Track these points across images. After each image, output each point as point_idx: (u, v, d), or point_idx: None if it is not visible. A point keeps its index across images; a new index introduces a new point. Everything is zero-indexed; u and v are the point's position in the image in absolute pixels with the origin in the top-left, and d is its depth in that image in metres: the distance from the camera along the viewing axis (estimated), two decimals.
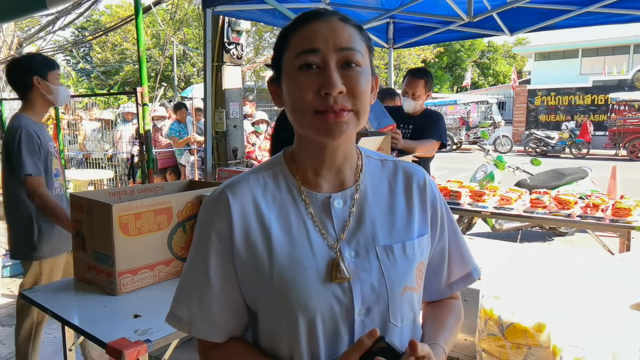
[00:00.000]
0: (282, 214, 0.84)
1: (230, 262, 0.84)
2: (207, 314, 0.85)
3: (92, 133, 7.60)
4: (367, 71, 0.81)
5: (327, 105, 0.76)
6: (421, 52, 21.82)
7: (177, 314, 0.87)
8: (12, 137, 2.34)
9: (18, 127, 2.35)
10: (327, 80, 0.76)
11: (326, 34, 0.78)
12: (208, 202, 0.87)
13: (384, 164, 0.93)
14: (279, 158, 0.90)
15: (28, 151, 2.32)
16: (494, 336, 2.44)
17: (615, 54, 22.92)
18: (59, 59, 24.18)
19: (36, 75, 2.39)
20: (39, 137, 2.39)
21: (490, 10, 4.00)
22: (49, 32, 7.19)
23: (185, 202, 1.98)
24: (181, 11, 17.15)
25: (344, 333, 0.81)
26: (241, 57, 4.45)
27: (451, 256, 0.97)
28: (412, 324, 0.88)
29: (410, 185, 0.91)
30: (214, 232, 0.83)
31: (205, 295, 0.85)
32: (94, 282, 1.88)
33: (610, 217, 3.25)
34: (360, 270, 0.82)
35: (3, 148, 2.41)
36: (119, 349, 1.37)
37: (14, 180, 2.40)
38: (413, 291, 0.86)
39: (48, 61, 2.51)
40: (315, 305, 0.79)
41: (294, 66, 0.79)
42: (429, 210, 0.92)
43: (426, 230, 0.91)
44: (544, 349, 2.23)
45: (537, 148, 16.26)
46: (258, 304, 0.84)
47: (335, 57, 0.78)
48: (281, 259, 0.81)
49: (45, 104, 2.51)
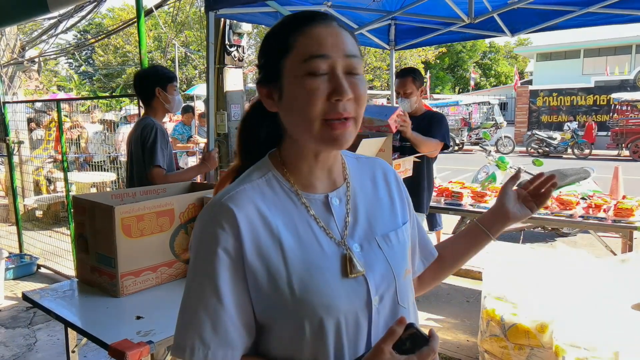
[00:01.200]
0: (287, 219, 0.83)
1: (242, 278, 0.80)
2: (223, 336, 0.80)
3: (94, 136, 7.62)
4: (364, 78, 0.82)
5: (337, 113, 0.77)
6: (423, 53, 21.82)
7: (187, 344, 0.80)
8: (149, 132, 2.65)
9: (153, 125, 2.68)
10: (339, 87, 0.76)
11: (334, 40, 0.78)
12: (207, 218, 0.82)
13: (359, 161, 0.98)
14: (266, 163, 0.88)
15: (160, 145, 2.65)
16: (496, 337, 2.43)
17: (617, 54, 22.88)
18: (61, 62, 24.33)
19: (158, 87, 2.71)
20: (165, 135, 2.73)
21: (491, 11, 4.00)
22: (52, 35, 7.21)
23: (187, 204, 1.99)
24: (183, 14, 17.20)
25: (363, 325, 0.83)
26: (242, 59, 4.46)
27: (420, 237, 1.06)
28: (413, 304, 0.94)
29: (388, 179, 0.98)
30: (221, 249, 0.79)
31: (218, 317, 0.79)
32: (96, 283, 1.89)
33: (612, 218, 3.25)
34: (370, 262, 0.85)
35: (139, 141, 2.69)
36: (122, 350, 1.37)
37: (144, 168, 2.69)
38: (410, 273, 0.94)
39: (168, 74, 2.83)
40: (338, 303, 0.80)
41: (301, 71, 0.77)
42: (405, 200, 1.00)
43: (406, 218, 0.98)
44: (547, 350, 2.23)
45: (539, 149, 16.22)
46: (275, 315, 0.81)
47: (343, 63, 0.78)
48: (296, 264, 0.80)
49: (164, 111, 2.82)
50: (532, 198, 1.08)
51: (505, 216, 1.05)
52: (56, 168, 7.25)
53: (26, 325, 3.60)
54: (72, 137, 7.26)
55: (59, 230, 5.62)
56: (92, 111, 8.73)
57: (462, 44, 31.67)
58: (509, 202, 1.06)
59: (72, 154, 7.03)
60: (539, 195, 1.08)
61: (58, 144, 5.72)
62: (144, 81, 2.79)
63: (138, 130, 2.72)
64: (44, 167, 7.36)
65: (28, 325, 3.60)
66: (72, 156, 7.11)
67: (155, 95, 2.74)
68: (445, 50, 28.52)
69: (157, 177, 2.62)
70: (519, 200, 1.08)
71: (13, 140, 5.37)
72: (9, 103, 5.73)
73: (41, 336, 3.41)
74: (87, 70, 27.28)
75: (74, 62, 27.15)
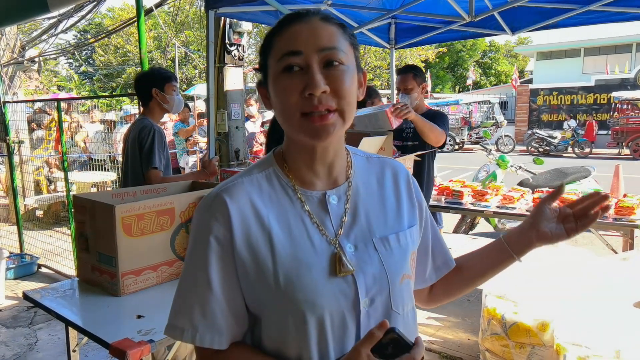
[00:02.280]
0: (281, 214, 0.84)
1: (232, 267, 0.83)
2: (211, 321, 0.83)
3: (94, 135, 7.62)
4: (351, 69, 0.82)
5: (312, 106, 0.78)
6: (423, 52, 21.80)
7: (178, 325, 0.85)
8: (147, 134, 2.67)
9: (151, 127, 2.70)
10: (310, 81, 0.77)
11: (307, 35, 0.79)
12: (203, 208, 0.85)
13: (369, 161, 0.97)
14: (270, 159, 0.91)
15: (158, 147, 2.67)
16: (497, 335, 2.43)
17: (617, 53, 22.84)
18: (61, 61, 24.33)
19: (155, 88, 2.74)
20: (162, 137, 2.74)
21: (492, 9, 4.00)
22: (52, 35, 7.21)
23: (188, 203, 1.99)
24: (182, 13, 17.18)
25: (350, 326, 0.82)
26: (243, 58, 4.46)
27: (434, 244, 1.03)
28: (411, 311, 0.92)
29: (397, 180, 0.96)
30: (213, 237, 0.82)
31: (207, 303, 0.83)
32: (97, 283, 1.89)
33: (613, 216, 3.24)
34: (362, 263, 0.84)
35: (136, 142, 2.71)
36: (123, 349, 1.37)
37: (141, 169, 2.71)
38: (409, 279, 0.91)
39: (165, 74, 2.84)
40: (322, 301, 0.80)
41: (278, 69, 0.80)
42: (415, 203, 0.97)
43: (415, 221, 0.95)
44: (548, 348, 2.22)
45: (540, 147, 16.22)
46: (262, 307, 0.83)
47: (317, 57, 0.79)
48: (284, 258, 0.81)
49: (161, 112, 2.85)
50: (577, 219, 0.94)
51: (534, 237, 0.96)
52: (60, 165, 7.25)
53: (27, 324, 3.60)
54: (74, 134, 7.27)
55: (59, 229, 5.63)
56: (92, 111, 8.72)
57: (462, 43, 31.63)
58: (542, 222, 0.95)
59: (72, 154, 7.03)
60: (585, 216, 0.93)
61: (58, 144, 5.72)
62: (141, 83, 2.82)
63: (135, 131, 2.71)
64: (44, 166, 7.36)
65: (29, 324, 3.60)
66: (73, 156, 7.11)
67: (152, 96, 2.76)
68: (446, 49, 28.47)
69: (154, 179, 2.64)
70: (557, 219, 0.95)
71: (13, 140, 5.37)
72: (9, 103, 5.73)
73: (42, 336, 3.41)
74: (87, 70, 27.27)
75: (74, 62, 27.14)
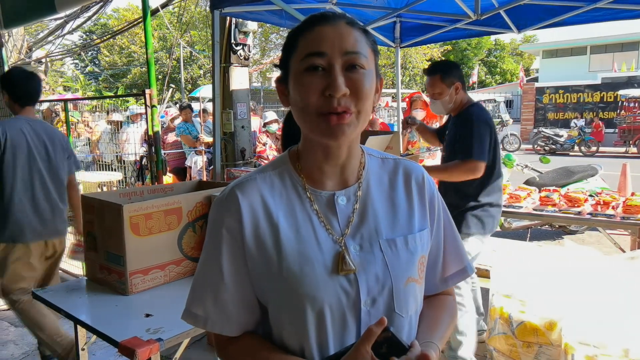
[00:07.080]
0: (289, 211, 0.87)
1: (242, 258, 0.87)
2: (222, 309, 0.88)
3: (103, 135, 7.64)
4: (371, 74, 0.84)
5: (331, 107, 0.79)
6: (428, 51, 21.75)
7: (192, 311, 0.91)
8: None
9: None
10: (332, 83, 0.79)
11: (333, 38, 0.81)
12: (218, 202, 0.90)
13: (384, 162, 0.97)
14: (285, 157, 0.94)
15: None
16: (504, 335, 2.43)
17: (624, 51, 22.70)
18: (67, 62, 24.47)
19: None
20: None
21: (497, 7, 3.98)
22: (58, 36, 7.25)
23: (195, 203, 1.99)
24: (188, 14, 17.23)
25: (351, 323, 0.84)
26: (248, 58, 4.46)
27: (447, 251, 1.00)
28: (416, 315, 0.92)
29: (410, 182, 0.95)
30: (225, 229, 0.87)
31: (219, 292, 0.88)
32: (105, 282, 1.90)
33: (621, 215, 3.23)
34: (365, 263, 0.86)
35: None
36: (132, 347, 1.38)
37: None
38: (416, 283, 0.90)
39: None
40: (323, 296, 0.82)
41: (300, 68, 0.82)
42: (428, 206, 0.96)
43: (426, 225, 0.94)
44: (555, 347, 2.22)
45: (546, 146, 16.14)
46: (268, 298, 0.87)
47: (341, 60, 0.80)
48: (289, 253, 0.84)
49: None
50: None
51: None
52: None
53: None
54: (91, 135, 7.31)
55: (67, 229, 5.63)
56: (110, 113, 8.76)
57: (467, 42, 31.51)
58: None
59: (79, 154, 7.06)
60: None
61: None
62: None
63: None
64: None
65: None
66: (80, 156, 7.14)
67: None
68: (450, 47, 28.40)
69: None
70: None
71: None
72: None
73: None
74: (92, 70, 27.41)
75: (79, 63, 27.25)
